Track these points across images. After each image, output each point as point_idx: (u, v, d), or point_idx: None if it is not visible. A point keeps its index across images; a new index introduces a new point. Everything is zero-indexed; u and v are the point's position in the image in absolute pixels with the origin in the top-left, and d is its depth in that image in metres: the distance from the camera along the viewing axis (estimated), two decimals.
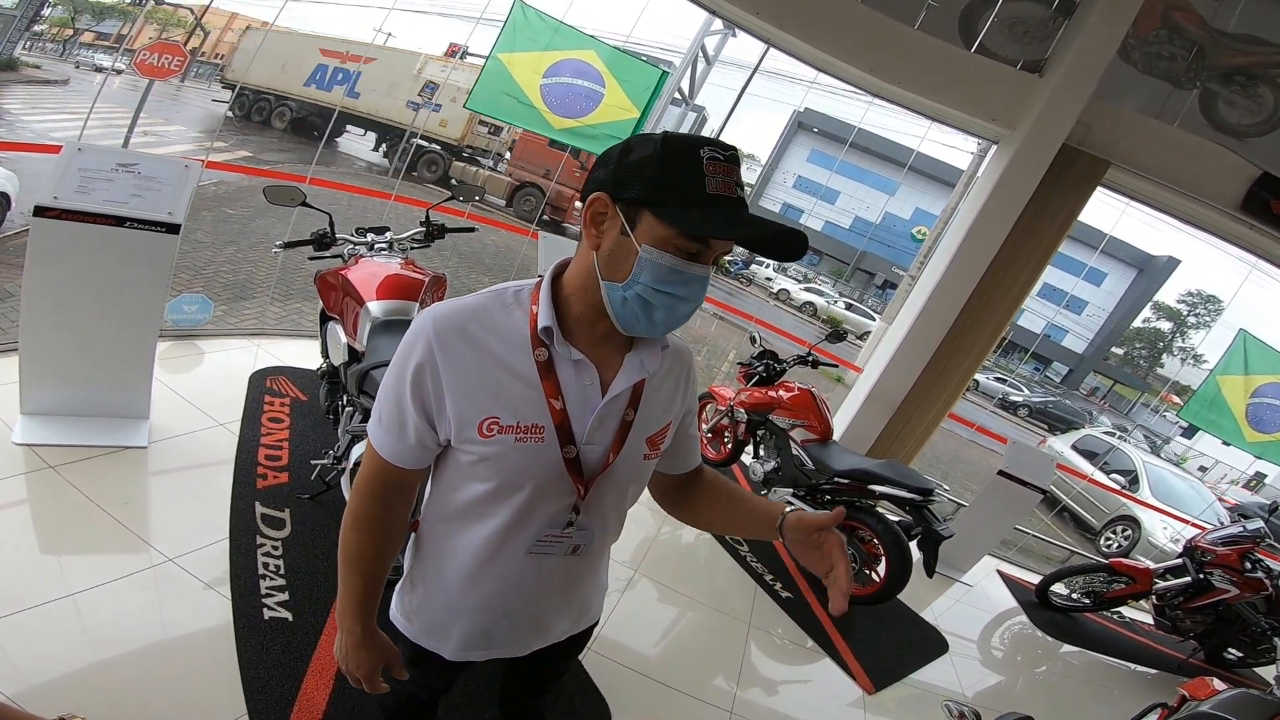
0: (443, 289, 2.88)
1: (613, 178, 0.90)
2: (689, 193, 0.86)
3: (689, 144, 0.87)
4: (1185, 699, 2.39)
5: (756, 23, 4.37)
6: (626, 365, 1.00)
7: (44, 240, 2.35)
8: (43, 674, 1.70)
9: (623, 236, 0.89)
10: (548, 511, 1.01)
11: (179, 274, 5.04)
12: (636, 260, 0.89)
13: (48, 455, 2.40)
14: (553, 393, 0.96)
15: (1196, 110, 4.54)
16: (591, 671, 2.34)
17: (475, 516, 1.02)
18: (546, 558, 1.06)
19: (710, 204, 0.86)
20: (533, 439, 0.96)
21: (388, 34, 17.74)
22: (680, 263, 0.89)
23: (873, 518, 3.34)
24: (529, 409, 0.95)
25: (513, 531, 1.02)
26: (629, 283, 0.90)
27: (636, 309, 0.91)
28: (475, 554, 1.04)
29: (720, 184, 0.86)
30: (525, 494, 0.99)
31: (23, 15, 15.44)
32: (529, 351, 0.96)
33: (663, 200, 0.87)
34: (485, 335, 0.95)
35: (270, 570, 2.25)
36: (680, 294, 0.91)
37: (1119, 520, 8.16)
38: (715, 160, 0.86)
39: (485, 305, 0.97)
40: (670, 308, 0.91)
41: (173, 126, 14.08)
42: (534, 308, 0.97)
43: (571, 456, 0.98)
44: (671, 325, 0.94)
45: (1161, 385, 30.77)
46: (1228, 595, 3.93)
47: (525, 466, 0.97)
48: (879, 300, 28.31)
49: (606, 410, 0.99)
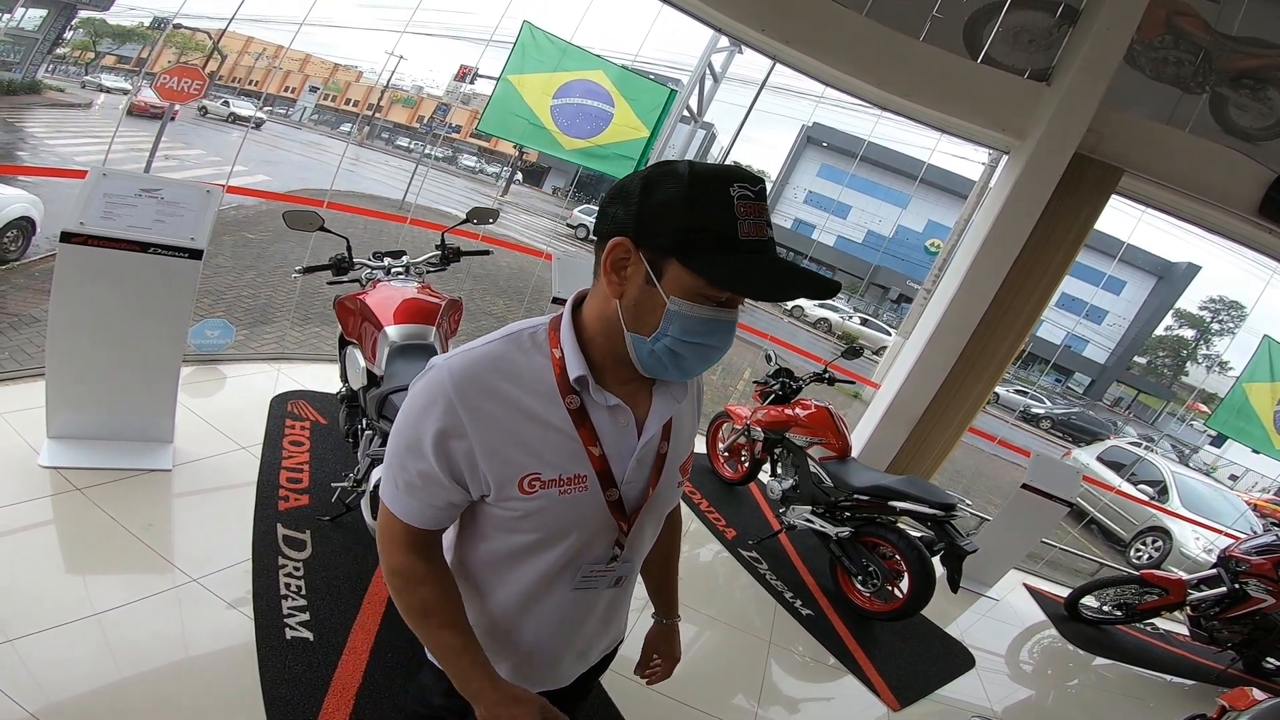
0: (459, 312, 2.91)
1: (635, 220, 0.82)
2: (720, 238, 0.79)
3: (718, 179, 0.80)
4: (1225, 709, 2.33)
5: (763, 39, 4.42)
6: (657, 403, 0.97)
7: (70, 266, 2.39)
8: (69, 691, 1.72)
9: (648, 286, 0.84)
10: (592, 552, 0.99)
11: (201, 299, 5.14)
12: (664, 313, 0.83)
13: (74, 478, 2.44)
14: (590, 440, 0.91)
15: (1208, 115, 4.51)
16: (611, 691, 2.32)
17: (519, 563, 0.99)
18: (590, 591, 1.04)
19: (743, 250, 0.80)
20: (576, 489, 0.92)
21: (400, 57, 18.10)
22: (711, 311, 0.84)
23: (894, 534, 3.30)
24: (569, 460, 0.91)
25: (559, 574, 0.99)
26: (656, 336, 0.85)
27: (665, 360, 0.87)
28: (519, 596, 1.01)
29: (752, 226, 0.80)
30: (571, 541, 0.96)
31: (44, 39, 15.89)
32: (558, 400, 0.90)
33: (692, 249, 0.80)
34: (509, 387, 0.88)
35: (292, 591, 2.27)
36: (710, 343, 0.87)
37: (1149, 531, 7.98)
38: (746, 199, 0.80)
39: (503, 353, 0.90)
40: (700, 356, 0.88)
41: (193, 150, 14.41)
42: (554, 351, 0.91)
43: (615, 499, 0.96)
44: (700, 371, 0.91)
45: (1187, 394, 30.21)
46: (1264, 604, 3.83)
47: (571, 516, 0.94)
48: (894, 315, 28.16)
49: (644, 450, 0.96)
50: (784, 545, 3.91)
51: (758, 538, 3.87)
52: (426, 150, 25.89)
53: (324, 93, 35.76)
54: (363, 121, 34.62)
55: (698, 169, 0.81)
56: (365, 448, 2.54)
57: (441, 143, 31.79)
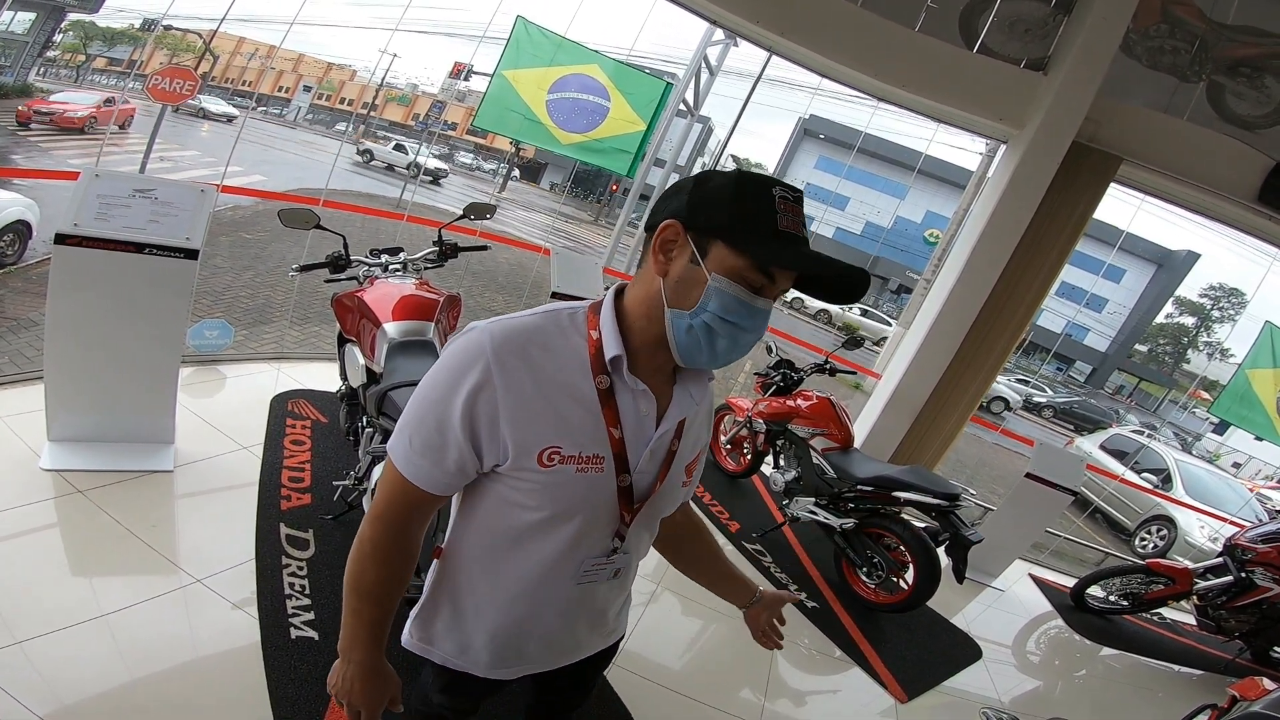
0: (458, 308, 2.89)
1: (687, 206, 0.90)
2: (761, 226, 0.87)
3: (761, 181, 0.89)
4: (1236, 699, 2.32)
5: (758, 31, 4.40)
6: (677, 398, 1.00)
7: (66, 268, 2.37)
8: (77, 693, 1.71)
9: (692, 265, 0.90)
10: (594, 539, 1.01)
11: (199, 299, 5.14)
12: (705, 289, 0.89)
13: (76, 480, 2.43)
14: (612, 421, 0.95)
15: (1205, 103, 4.51)
16: (616, 686, 2.32)
17: (521, 544, 1.00)
18: (590, 585, 1.06)
19: (781, 239, 0.87)
20: (593, 469, 0.95)
21: (393, 55, 18.02)
22: (748, 294, 0.89)
23: (898, 525, 3.30)
24: (590, 439, 0.94)
25: (561, 560, 1.01)
26: (696, 310, 0.90)
27: (701, 337, 0.91)
28: (520, 580, 1.02)
29: (790, 221, 0.88)
30: (576, 523, 0.98)
31: (35, 41, 15.83)
32: (589, 377, 0.94)
33: (736, 231, 0.87)
34: (544, 359, 0.93)
35: (296, 590, 2.26)
36: (745, 325, 0.91)
37: (1153, 520, 7.97)
38: (785, 199, 0.88)
39: (542, 326, 0.95)
40: (734, 338, 0.92)
41: (187, 151, 14.38)
42: (592, 333, 0.95)
43: (625, 485, 0.98)
44: (732, 357, 0.94)
45: (1188, 381, 30.20)
46: (1271, 593, 3.81)
47: (582, 496, 0.96)
48: (894, 305, 28.13)
49: (659, 442, 0.99)
50: (788, 537, 3.91)
51: (761, 530, 3.87)
52: (422, 148, 25.80)
53: (318, 92, 35.67)
54: (358, 120, 34.54)
55: (745, 173, 0.91)
56: (366, 445, 2.53)
57: (437, 140, 31.72)
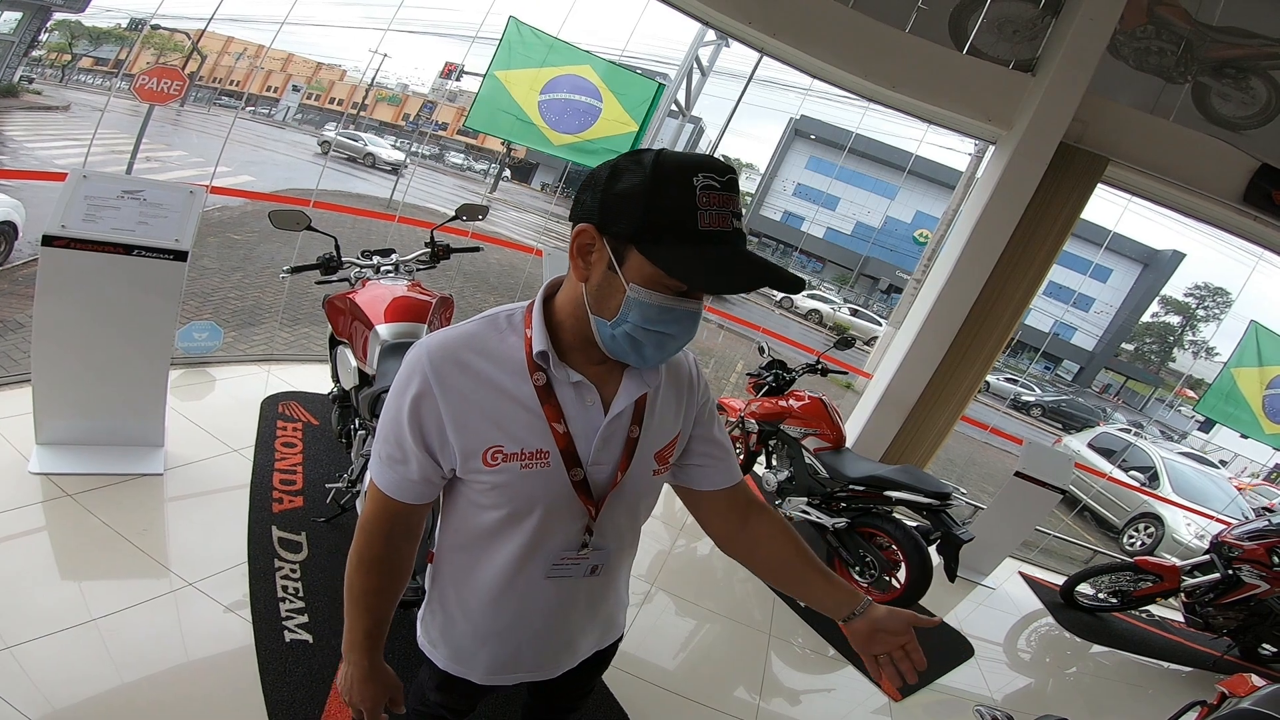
0: (450, 310, 2.89)
1: (600, 207, 0.84)
2: (680, 229, 0.80)
3: (682, 169, 0.80)
4: (1225, 696, 2.34)
5: (749, 31, 4.41)
6: (626, 382, 0.97)
7: (53, 270, 2.36)
8: (68, 698, 1.70)
9: (610, 272, 0.86)
10: (562, 534, 1.01)
11: (187, 301, 5.09)
12: (624, 299, 0.85)
13: (65, 484, 2.41)
14: (554, 417, 0.94)
15: (1191, 104, 4.56)
16: (612, 686, 2.32)
17: (491, 543, 1.01)
18: (566, 580, 1.05)
19: (703, 241, 0.80)
20: (539, 464, 0.94)
21: (384, 55, 17.93)
22: (671, 300, 0.85)
23: (890, 524, 3.31)
24: (532, 435, 0.93)
25: (529, 556, 1.01)
26: (617, 320, 0.87)
27: (625, 345, 0.89)
28: (495, 580, 1.03)
29: (714, 218, 0.80)
30: (536, 518, 0.97)
31: (20, 41, 15.63)
32: (527, 377, 0.93)
33: (651, 237, 0.81)
34: (481, 363, 0.93)
35: (289, 593, 2.25)
36: (670, 331, 0.88)
37: (1141, 518, 8.05)
38: (710, 189, 0.80)
39: (478, 332, 0.95)
40: (659, 344, 0.89)
41: (174, 152, 14.26)
42: (527, 331, 0.95)
43: (579, 479, 0.97)
44: (661, 360, 0.93)
45: (1174, 380, 30.50)
46: (1258, 590, 3.86)
47: (534, 492, 0.96)
48: (884, 305, 28.27)
49: (610, 430, 0.97)
50: None
51: None
52: (413, 148, 25.71)
53: (307, 92, 35.44)
54: (348, 120, 34.35)
55: (664, 158, 0.82)
56: (359, 448, 2.52)
57: (428, 140, 31.63)
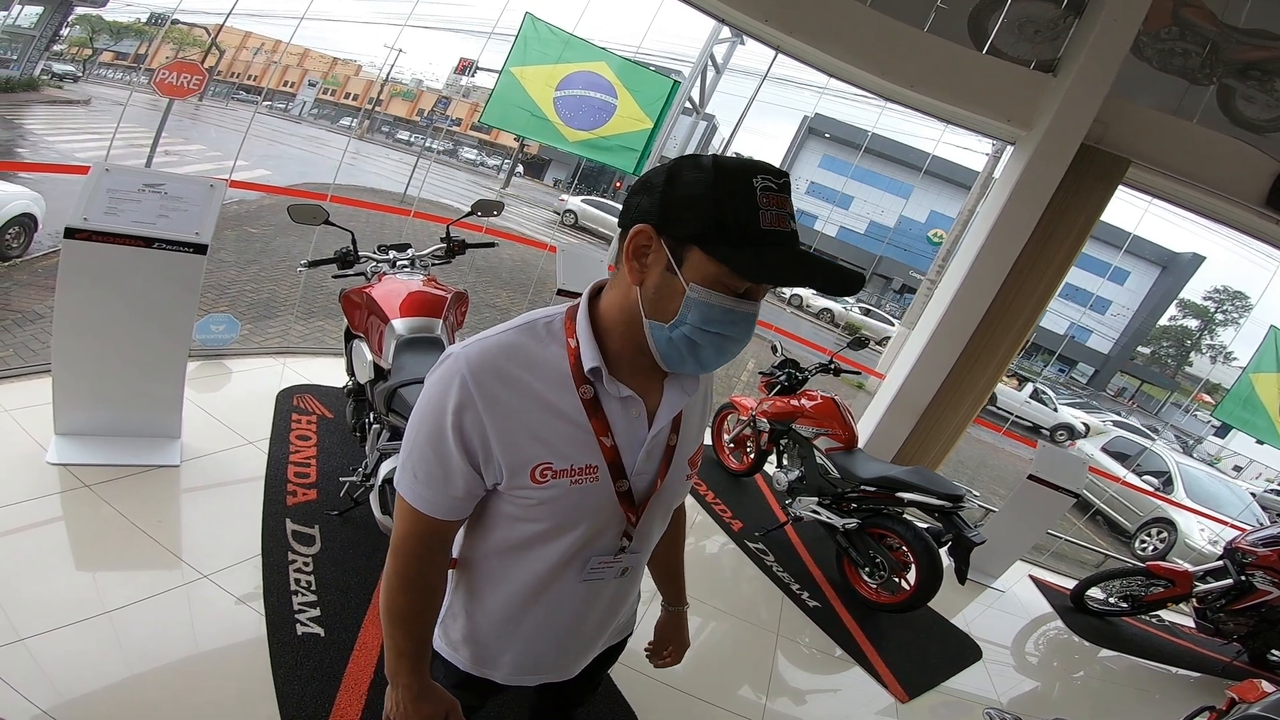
0: (465, 305, 2.90)
1: (659, 208, 0.83)
2: (742, 229, 0.80)
3: (741, 171, 0.81)
4: (1235, 702, 2.32)
5: (765, 29, 4.39)
6: (668, 394, 0.97)
7: (75, 262, 2.38)
8: (81, 689, 1.72)
9: (668, 274, 0.84)
10: (601, 542, 1.00)
11: (205, 293, 5.13)
12: (684, 299, 0.84)
13: (82, 475, 2.44)
14: (602, 430, 0.92)
15: (1215, 106, 4.49)
16: (619, 683, 2.33)
17: (526, 553, 0.99)
18: (598, 582, 1.04)
19: (764, 241, 0.80)
20: (588, 479, 0.93)
21: (399, 50, 17.98)
22: (730, 301, 0.84)
23: (901, 525, 3.30)
24: (579, 450, 0.91)
25: (567, 564, 0.99)
26: (675, 323, 0.86)
27: (683, 349, 0.87)
28: (528, 585, 1.01)
29: (774, 218, 0.80)
30: (580, 531, 0.96)
31: (42, 35, 15.84)
32: (572, 389, 0.90)
33: (714, 237, 0.80)
34: (523, 375, 0.89)
35: (302, 586, 2.27)
36: (729, 333, 0.86)
37: (1154, 523, 7.97)
38: (769, 190, 0.80)
39: (517, 342, 0.91)
40: (718, 347, 0.87)
41: (193, 145, 14.38)
42: (570, 341, 0.92)
43: (624, 490, 0.96)
44: (718, 364, 0.91)
45: (1191, 384, 30.15)
46: (1270, 596, 3.82)
47: (581, 506, 0.94)
48: (897, 305, 28.10)
49: (654, 441, 0.97)
50: (790, 537, 3.91)
51: (764, 529, 3.87)
52: (428, 144, 25.78)
53: (323, 87, 35.65)
54: (363, 115, 34.53)
55: (722, 161, 0.82)
56: (373, 442, 2.54)
57: (443, 136, 31.75)
